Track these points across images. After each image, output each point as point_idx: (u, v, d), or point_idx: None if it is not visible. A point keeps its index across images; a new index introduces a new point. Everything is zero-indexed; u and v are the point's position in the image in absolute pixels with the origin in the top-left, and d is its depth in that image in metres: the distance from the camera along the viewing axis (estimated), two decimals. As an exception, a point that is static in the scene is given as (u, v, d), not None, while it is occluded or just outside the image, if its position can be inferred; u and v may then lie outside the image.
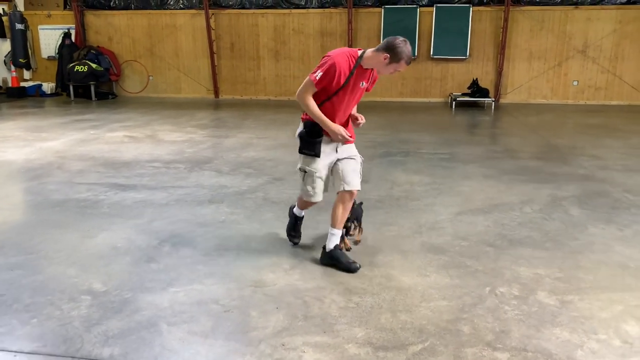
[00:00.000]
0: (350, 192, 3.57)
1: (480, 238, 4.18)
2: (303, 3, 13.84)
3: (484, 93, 12.66)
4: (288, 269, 3.57)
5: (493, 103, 12.58)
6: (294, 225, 4.01)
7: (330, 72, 3.24)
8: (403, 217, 4.70)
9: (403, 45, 3.25)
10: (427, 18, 13.29)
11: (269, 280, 3.39)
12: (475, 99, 12.64)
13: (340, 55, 3.29)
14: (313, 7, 13.85)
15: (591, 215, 4.72)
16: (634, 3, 12.50)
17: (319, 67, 3.27)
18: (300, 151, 3.53)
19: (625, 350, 2.62)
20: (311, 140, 3.45)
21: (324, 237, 3.75)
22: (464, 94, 12.96)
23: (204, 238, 4.14)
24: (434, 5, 13.14)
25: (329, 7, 13.76)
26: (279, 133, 9.17)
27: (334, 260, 3.59)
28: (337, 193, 3.59)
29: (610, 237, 4.18)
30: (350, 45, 13.58)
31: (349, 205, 3.63)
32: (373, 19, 13.59)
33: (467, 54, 13.24)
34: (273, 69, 14.36)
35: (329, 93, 3.34)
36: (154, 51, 14.75)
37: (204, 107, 13.13)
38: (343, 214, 3.60)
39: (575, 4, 12.73)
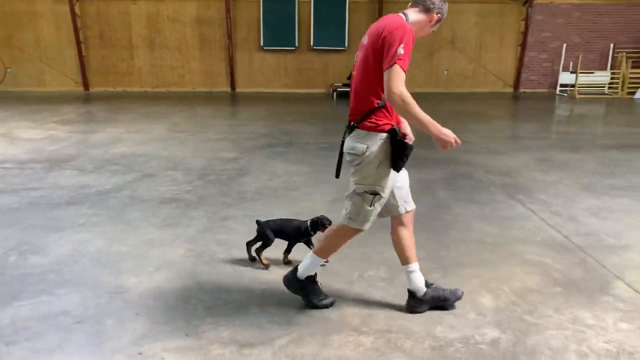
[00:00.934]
0: (412, 212, 2.87)
1: (353, 224, 4.23)
2: (178, -10, 13.26)
3: (363, 83, 13.02)
4: (153, 271, 3.33)
5: (372, 92, 12.99)
6: (314, 289, 2.90)
7: (411, 45, 2.42)
8: (280, 208, 4.62)
9: None
10: (305, 8, 13.36)
11: (130, 285, 3.14)
12: (355, 88, 12.96)
13: (403, 20, 2.53)
14: (189, -5, 13.33)
15: (455, 196, 5.00)
16: (492, -2, 13.57)
17: (395, 45, 2.37)
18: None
19: (479, 322, 2.77)
20: (404, 153, 2.59)
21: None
22: (344, 85, 13.24)
23: (58, 244, 3.75)
24: (312, -4, 13.25)
25: (205, -5, 13.32)
26: (153, 127, 8.70)
27: (438, 301, 2.85)
28: (394, 218, 2.81)
29: (471, 215, 4.45)
30: (229, 35, 13.29)
31: (412, 227, 2.87)
32: (252, 8, 13.39)
33: (346, 44, 13.53)
34: (148, 59, 13.63)
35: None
36: (11, 41, 13.30)
37: (71, 100, 12.11)
38: (413, 240, 2.83)
39: (443, -3, 13.51)
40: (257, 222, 3.46)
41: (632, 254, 3.65)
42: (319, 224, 3.36)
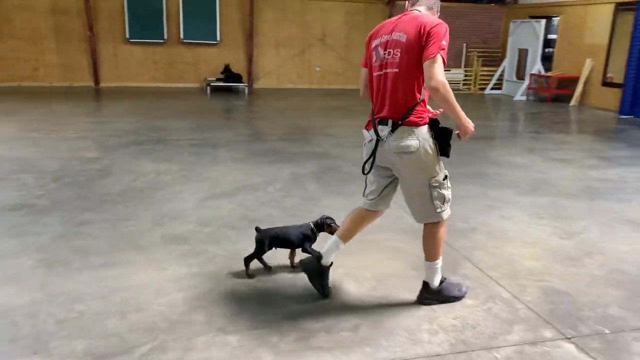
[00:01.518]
0: None
1: (224, 222, 4.18)
2: (27, -25, 12.03)
3: (237, 78, 12.90)
4: (-5, 286, 3.01)
5: (246, 88, 12.92)
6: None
7: (448, 40, 2.59)
8: (145, 210, 4.42)
9: None
10: (173, 0, 12.87)
11: (-33, 304, 2.80)
12: (229, 84, 12.80)
13: (436, 17, 2.72)
14: (40, -20, 12.15)
15: (325, 189, 5.15)
16: (359, -3, 14.17)
17: (439, 39, 2.51)
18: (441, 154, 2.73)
19: (343, 310, 2.88)
20: (450, 138, 2.73)
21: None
22: (218, 79, 13.00)
23: None
24: (181, -13, 12.79)
25: (61, -18, 12.24)
26: None
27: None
28: (380, 212, 3.08)
29: (339, 207, 4.60)
30: (90, 26, 12.37)
31: None
32: (115, -3, 12.58)
33: (218, 38, 13.27)
34: (-5, 51, 12.22)
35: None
36: None
37: None
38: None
39: (312, -5, 13.83)
40: (257, 229, 3.25)
41: (478, 236, 4.04)
42: (324, 224, 3.27)
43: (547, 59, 13.19)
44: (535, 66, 12.87)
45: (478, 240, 3.97)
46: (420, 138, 2.65)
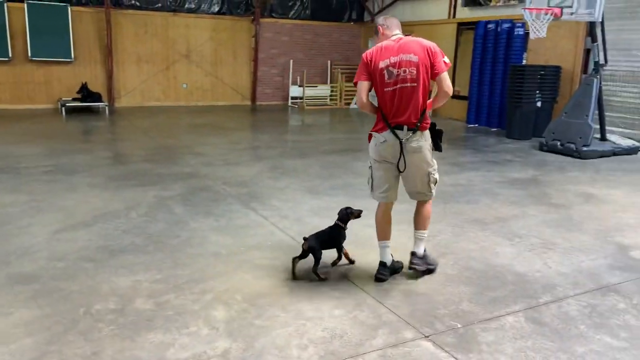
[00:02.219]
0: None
1: (80, 255, 3.87)
2: None
3: (96, 97, 12.11)
4: None
5: (107, 107, 12.19)
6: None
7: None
8: (-15, 248, 3.94)
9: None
10: (19, 15, 11.75)
11: None
12: (87, 103, 11.97)
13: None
14: None
15: (193, 211, 5.00)
16: (223, 14, 14.07)
17: (442, 56, 3.32)
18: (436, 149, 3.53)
19: (212, 337, 2.81)
20: (442, 136, 3.53)
21: None
22: (74, 99, 12.10)
23: None
24: (25, 2, 11.71)
25: None
26: None
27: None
28: (392, 203, 3.67)
29: (208, 229, 4.51)
30: None
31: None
32: (-56, 10, 11.17)
33: (72, 56, 12.37)
34: None
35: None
36: None
37: None
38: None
39: (174, 11, 13.47)
40: (305, 238, 3.59)
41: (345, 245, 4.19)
42: (349, 213, 3.67)
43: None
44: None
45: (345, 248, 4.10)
46: (427, 139, 3.42)
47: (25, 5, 11.72)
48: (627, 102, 9.14)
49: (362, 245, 4.04)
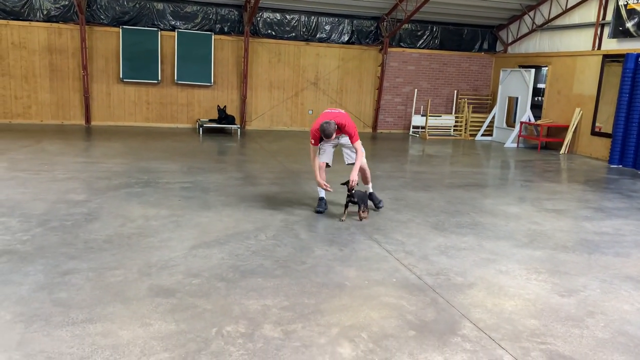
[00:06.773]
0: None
1: (213, 273, 4.03)
2: (25, 14, 12.12)
3: (230, 120, 12.92)
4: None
5: (239, 130, 12.93)
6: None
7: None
8: (132, 258, 4.26)
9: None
10: (169, 42, 13.00)
11: (-64, 364, 2.62)
12: (222, 125, 12.81)
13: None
14: (37, 20, 12.23)
15: (317, 237, 5.03)
16: (352, 44, 14.38)
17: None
18: None
19: (339, 375, 2.73)
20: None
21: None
22: (211, 120, 13.01)
23: None
24: (175, 30, 12.94)
25: (57, 22, 12.32)
26: (-12, 164, 7.68)
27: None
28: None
29: (332, 258, 4.49)
30: (85, 66, 12.40)
31: None
32: (110, 38, 12.68)
33: (212, 81, 13.37)
34: (-13, 88, 12.17)
35: None
36: None
37: None
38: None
39: (307, 40, 14.04)
40: (350, 190, 5.68)
41: (476, 292, 3.92)
42: (347, 184, 5.68)
43: (536, 107, 13.40)
44: (525, 114, 13.06)
45: (476, 296, 3.85)
46: None
47: (176, 33, 12.93)
48: None
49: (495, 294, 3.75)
